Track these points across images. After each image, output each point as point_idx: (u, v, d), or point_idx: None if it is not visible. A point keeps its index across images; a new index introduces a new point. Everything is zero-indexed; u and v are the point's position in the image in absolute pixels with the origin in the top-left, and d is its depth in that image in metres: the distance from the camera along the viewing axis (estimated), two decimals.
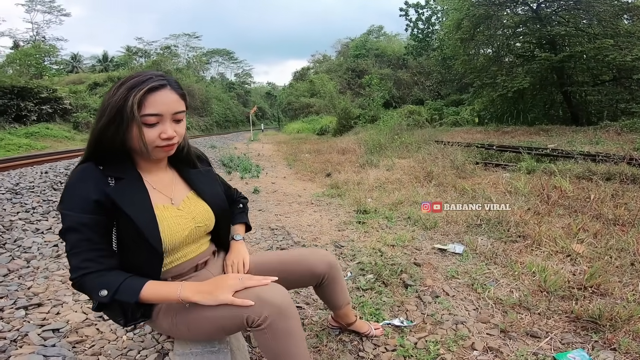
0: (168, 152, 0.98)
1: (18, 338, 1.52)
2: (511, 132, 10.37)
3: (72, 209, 0.89)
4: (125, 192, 0.93)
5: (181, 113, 0.97)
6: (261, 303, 0.88)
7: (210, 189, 1.16)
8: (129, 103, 0.88)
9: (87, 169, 0.92)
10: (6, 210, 3.21)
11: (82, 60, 40.37)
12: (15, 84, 16.61)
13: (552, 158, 5.77)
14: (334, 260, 1.27)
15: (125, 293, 0.89)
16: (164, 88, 0.92)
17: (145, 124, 0.91)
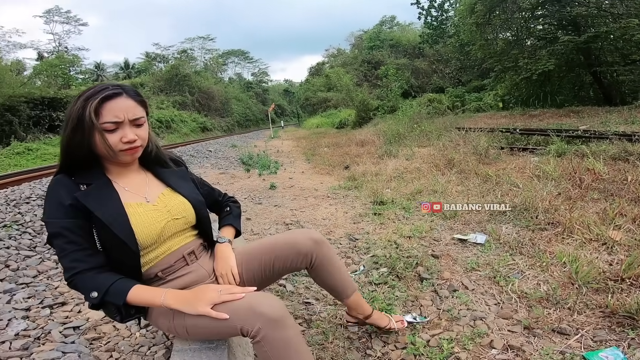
0: (133, 154, 1.03)
1: (41, 336, 1.59)
2: (539, 115, 9.85)
3: (51, 216, 0.95)
4: (94, 196, 0.98)
5: (141, 118, 1.02)
6: (254, 314, 0.88)
7: (186, 184, 1.19)
8: (87, 112, 0.93)
9: (59, 180, 0.99)
10: (37, 216, 3.37)
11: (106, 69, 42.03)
12: (45, 95, 17.49)
13: (584, 140, 5.40)
14: (319, 236, 1.24)
15: (114, 295, 0.94)
16: (119, 96, 0.98)
17: (105, 130, 0.96)
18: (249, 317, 0.88)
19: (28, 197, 3.95)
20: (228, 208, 1.34)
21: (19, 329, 1.63)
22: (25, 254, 2.57)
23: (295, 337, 0.89)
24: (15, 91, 16.63)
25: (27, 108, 16.42)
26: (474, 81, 19.29)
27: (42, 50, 30.67)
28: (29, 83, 20.05)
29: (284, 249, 1.20)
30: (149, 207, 1.05)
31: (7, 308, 1.83)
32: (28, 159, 12.67)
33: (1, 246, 2.60)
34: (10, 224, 3.07)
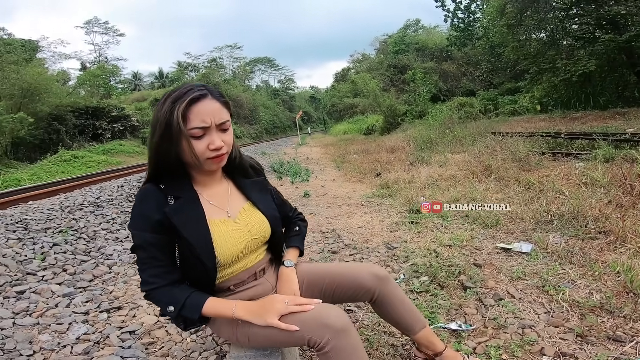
0: (219, 163, 0.99)
1: (101, 340, 1.68)
2: (581, 118, 9.34)
3: (138, 229, 0.97)
4: (182, 212, 0.98)
5: (226, 122, 0.97)
6: (322, 326, 0.89)
7: (265, 199, 1.18)
8: (174, 117, 0.90)
9: (148, 189, 0.99)
10: (90, 222, 3.61)
11: (142, 78, 44.28)
12: (89, 104, 18.60)
13: (632, 143, 5.08)
14: (383, 272, 1.18)
15: (189, 309, 0.97)
16: (205, 98, 0.94)
17: (192, 137, 0.93)
18: (317, 328, 0.89)
19: (81, 203, 4.23)
20: (297, 228, 1.30)
21: (80, 333, 1.72)
22: (81, 259, 2.74)
23: (359, 346, 0.91)
24: (61, 101, 17.71)
25: (72, 117, 17.52)
26: (506, 83, 18.61)
27: (84, 61, 32.20)
28: (74, 93, 21.06)
29: (346, 281, 1.16)
30: (231, 226, 1.05)
31: (67, 312, 1.94)
32: (74, 166, 13.51)
33: (58, 251, 2.79)
34: (66, 229, 3.29)
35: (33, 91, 15.98)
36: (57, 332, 1.75)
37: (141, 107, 24.89)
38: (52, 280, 2.35)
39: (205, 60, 37.98)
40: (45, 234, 3.09)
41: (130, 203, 4.53)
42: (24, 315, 1.91)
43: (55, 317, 1.88)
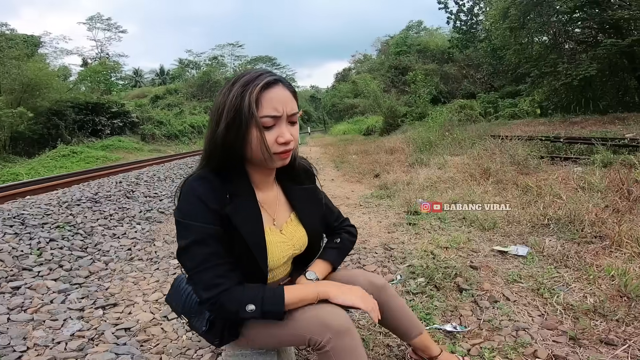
0: (285, 160, 0.89)
1: (95, 337, 1.67)
2: (580, 122, 9.38)
3: (198, 220, 0.84)
4: (240, 211, 0.89)
5: (295, 115, 0.88)
6: (323, 326, 0.87)
7: (311, 212, 1.07)
8: (246, 101, 0.81)
9: (207, 178, 0.88)
10: (87, 218, 3.60)
11: (143, 75, 44.25)
12: (89, 100, 18.62)
13: (631, 149, 5.10)
14: (381, 281, 1.14)
15: (272, 303, 0.87)
16: (278, 84, 0.85)
17: (263, 127, 0.83)
18: (318, 328, 0.87)
19: (78, 199, 4.21)
20: (339, 240, 1.15)
21: (74, 330, 1.71)
22: (78, 255, 2.73)
23: (360, 346, 0.90)
24: (62, 96, 17.71)
25: (72, 112, 17.53)
26: (507, 86, 18.63)
27: (86, 57, 32.20)
28: (74, 88, 21.07)
29: None
30: (278, 237, 0.98)
31: (62, 308, 1.93)
32: (73, 161, 13.49)
33: (55, 247, 2.78)
34: (63, 225, 3.28)
35: (34, 86, 15.97)
36: (51, 328, 1.74)
37: (141, 103, 24.90)
38: (48, 276, 2.34)
39: (207, 57, 37.91)
40: (42, 229, 3.09)
41: (128, 199, 4.53)
42: (19, 311, 1.90)
43: (50, 313, 1.88)
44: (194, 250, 0.85)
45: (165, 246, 3.02)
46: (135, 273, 2.46)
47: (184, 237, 0.85)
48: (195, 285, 0.86)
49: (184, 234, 0.86)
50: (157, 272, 2.45)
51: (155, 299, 2.04)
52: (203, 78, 31.54)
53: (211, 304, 0.85)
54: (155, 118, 22.33)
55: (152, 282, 2.29)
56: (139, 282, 2.29)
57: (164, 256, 2.75)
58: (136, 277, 2.37)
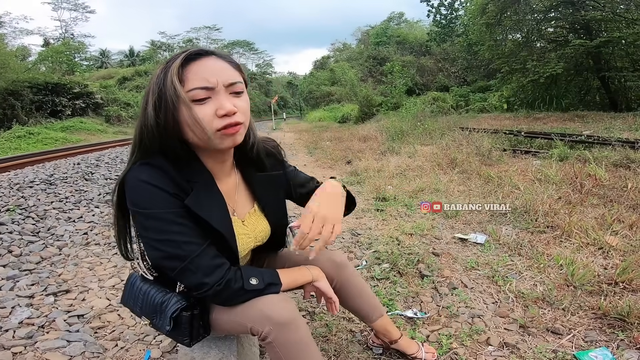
0: (234, 136, 0.78)
1: (46, 324, 1.60)
2: (543, 119, 9.83)
3: (157, 205, 0.76)
4: (202, 200, 0.82)
5: (238, 84, 0.78)
6: (263, 317, 0.84)
7: (275, 203, 1.02)
8: (168, 78, 0.73)
9: (153, 164, 0.78)
10: (40, 200, 3.39)
11: (110, 56, 41.89)
12: (49, 80, 17.55)
13: (587, 145, 5.41)
14: (342, 259, 1.13)
15: (267, 278, 0.87)
16: (207, 56, 0.77)
17: (194, 101, 0.74)
18: (259, 318, 0.84)
19: (32, 181, 3.97)
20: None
21: (23, 317, 1.63)
22: (29, 239, 2.58)
23: (305, 339, 0.86)
24: (19, 76, 16.69)
25: (30, 93, 16.52)
26: (479, 81, 19.23)
27: (48, 37, 30.54)
28: (33, 69, 20.00)
29: None
30: (241, 228, 0.93)
31: (11, 295, 1.83)
32: (29, 142, 12.67)
33: (4, 231, 2.62)
34: (14, 208, 3.08)
35: None
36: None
37: (107, 84, 23.62)
38: None
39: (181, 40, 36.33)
40: None
41: (87, 182, 4.29)
42: None
43: None
44: (172, 237, 0.77)
45: None
46: (91, 258, 2.34)
47: (152, 228, 0.77)
48: (192, 275, 0.79)
49: (149, 224, 0.77)
50: (115, 257, 2.35)
51: (111, 285, 1.96)
52: None
53: (217, 287, 0.80)
54: (121, 100, 21.30)
55: (110, 267, 2.20)
56: (95, 268, 2.19)
57: None
58: (92, 263, 2.27)
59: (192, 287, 0.82)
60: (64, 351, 1.40)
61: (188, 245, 0.78)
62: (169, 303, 0.87)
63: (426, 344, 1.34)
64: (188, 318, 0.88)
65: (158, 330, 0.94)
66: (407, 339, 1.30)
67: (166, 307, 0.88)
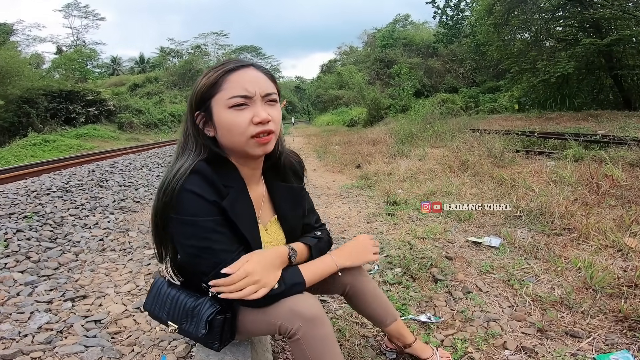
0: (266, 145, 0.85)
1: (64, 329, 1.62)
2: (556, 118, 9.67)
3: (199, 214, 0.81)
4: (236, 205, 0.87)
5: (273, 95, 0.85)
6: (293, 314, 0.86)
7: (293, 215, 1.04)
8: (210, 84, 0.82)
9: (199, 171, 0.83)
10: (57, 207, 3.46)
11: (122, 63, 42.71)
12: (63, 88, 18.02)
13: (602, 145, 5.30)
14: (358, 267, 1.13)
15: (289, 280, 0.89)
16: (247, 67, 0.84)
17: (232, 107, 0.81)
18: (289, 315, 0.86)
19: (48, 188, 4.06)
20: (319, 233, 1.08)
21: (42, 322, 1.65)
22: (46, 246, 2.63)
23: (330, 335, 0.89)
24: (33, 84, 17.14)
25: (44, 100, 16.95)
26: (488, 82, 19.02)
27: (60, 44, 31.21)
28: (47, 76, 20.47)
29: None
30: (265, 236, 0.97)
31: (30, 301, 1.86)
32: (45, 150, 12.99)
33: (22, 237, 2.66)
34: (31, 215, 3.14)
35: (4, 74, 15.46)
36: (18, 321, 1.67)
37: (119, 91, 24.11)
38: (15, 268, 2.24)
39: (190, 46, 36.85)
40: (9, 220, 2.95)
41: (102, 189, 4.37)
42: None
43: (16, 306, 1.80)
44: (212, 245, 0.82)
45: (139, 236, 2.94)
46: (107, 264, 2.38)
47: (193, 235, 0.81)
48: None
49: (190, 231, 0.81)
50: (130, 262, 2.38)
51: (127, 290, 1.99)
52: (185, 67, 30.70)
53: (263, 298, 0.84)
54: (133, 106, 21.70)
55: (125, 273, 2.23)
56: (111, 274, 2.23)
57: (138, 247, 2.68)
58: (108, 268, 2.30)
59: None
60: (81, 356, 1.42)
61: (224, 253, 0.83)
62: (202, 307, 0.89)
63: (440, 349, 1.33)
64: (221, 322, 0.90)
65: (187, 335, 0.95)
66: (421, 343, 1.29)
67: (200, 311, 0.90)
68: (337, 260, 0.99)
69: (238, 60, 0.87)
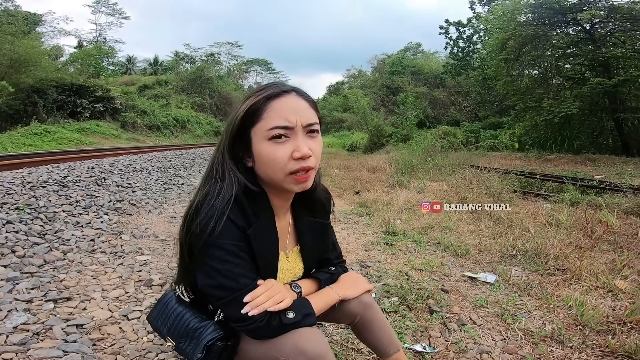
0: (304, 183, 0.82)
1: (42, 331, 1.54)
2: (554, 160, 9.81)
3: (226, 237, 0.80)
4: (260, 236, 0.86)
5: (315, 125, 0.81)
6: (297, 352, 0.83)
7: (314, 250, 1.03)
8: (250, 111, 0.78)
9: (238, 194, 0.82)
10: (51, 202, 3.39)
11: (136, 63, 43.16)
12: (75, 81, 18.19)
13: (598, 190, 5.37)
14: (369, 300, 1.11)
15: (302, 310, 0.87)
16: (288, 94, 0.80)
17: (272, 138, 0.78)
18: (293, 353, 0.83)
19: (45, 181, 3.98)
20: (333, 269, 1.09)
21: (19, 322, 1.58)
22: (34, 241, 2.55)
23: None
24: (47, 75, 17.33)
25: (54, 92, 17.10)
26: (491, 117, 19.33)
27: (82, 39, 31.42)
28: (62, 69, 20.68)
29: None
30: (286, 263, 0.96)
31: (9, 298, 1.78)
32: (44, 140, 12.95)
33: (10, 230, 2.58)
34: (24, 207, 3.07)
35: (22, 63, 15.72)
36: None
37: (128, 90, 24.31)
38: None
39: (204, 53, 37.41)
40: (0, 209, 2.89)
41: (99, 187, 4.33)
42: None
43: None
44: (232, 269, 0.81)
45: (132, 240, 2.89)
46: (95, 266, 2.32)
47: (215, 256, 0.80)
48: (238, 308, 0.81)
49: (212, 252, 0.80)
50: (120, 267, 2.33)
51: (115, 296, 1.93)
52: (196, 73, 31.09)
53: (259, 323, 0.81)
54: (139, 107, 21.85)
55: (114, 277, 2.17)
56: (99, 277, 2.17)
57: (130, 251, 2.63)
58: (96, 271, 2.24)
59: (235, 319, 0.83)
60: None
61: (243, 279, 0.82)
62: (204, 331, 0.87)
63: None
64: (221, 348, 0.87)
65: (182, 354, 0.92)
66: None
67: (201, 334, 0.87)
68: (338, 292, 0.99)
69: (280, 84, 0.83)
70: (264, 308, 0.82)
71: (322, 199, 1.02)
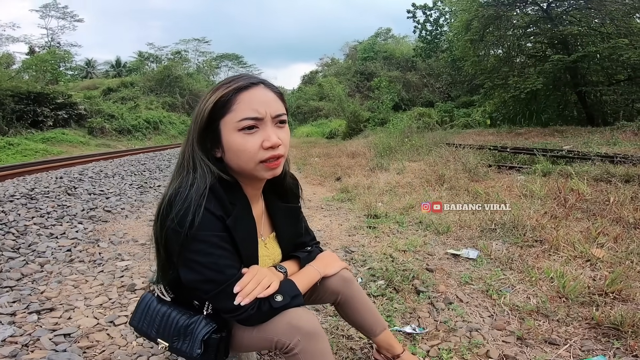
0: (274, 170, 0.85)
1: (30, 343, 1.53)
2: (524, 134, 10.18)
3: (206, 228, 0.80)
4: (239, 224, 0.86)
5: (283, 115, 0.84)
6: (292, 328, 0.85)
7: (290, 234, 1.07)
8: (219, 104, 0.79)
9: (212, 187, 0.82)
10: (21, 215, 3.26)
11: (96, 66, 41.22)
12: (32, 89, 17.09)
13: (568, 160, 5.62)
14: (349, 275, 1.14)
15: (289, 292, 0.89)
16: (257, 86, 0.82)
17: (242, 129, 0.79)
18: (287, 330, 0.85)
19: (12, 195, 3.82)
20: (309, 248, 1.12)
21: (6, 335, 1.56)
22: (9, 255, 2.48)
23: (328, 350, 0.89)
24: (1, 84, 16.19)
25: (12, 102, 16.04)
26: (463, 97, 19.81)
27: (33, 45, 29.67)
28: (16, 77, 19.40)
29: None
30: (264, 250, 0.98)
31: None
32: (8, 153, 12.29)
33: None
34: None
35: None
36: None
37: (91, 95, 23.18)
38: None
39: (169, 52, 36.02)
40: None
41: (70, 197, 4.16)
42: None
43: None
44: (217, 261, 0.81)
45: (111, 247, 2.80)
46: (75, 276, 2.25)
47: (198, 250, 0.79)
48: (227, 299, 0.81)
49: (195, 246, 0.79)
50: (101, 274, 2.26)
51: (99, 303, 1.88)
52: (164, 72, 29.97)
53: (250, 312, 0.83)
54: (106, 111, 20.90)
55: (96, 285, 2.11)
56: (80, 286, 2.10)
57: (110, 258, 2.56)
58: (76, 280, 2.17)
59: (226, 310, 0.84)
60: None
61: (229, 270, 0.82)
62: (197, 326, 0.87)
63: (427, 359, 1.35)
64: (217, 340, 0.88)
65: (179, 354, 0.91)
66: (409, 354, 1.29)
67: (195, 330, 0.87)
68: (318, 269, 1.02)
69: (248, 76, 0.84)
70: (254, 296, 0.82)
71: (291, 185, 1.06)
